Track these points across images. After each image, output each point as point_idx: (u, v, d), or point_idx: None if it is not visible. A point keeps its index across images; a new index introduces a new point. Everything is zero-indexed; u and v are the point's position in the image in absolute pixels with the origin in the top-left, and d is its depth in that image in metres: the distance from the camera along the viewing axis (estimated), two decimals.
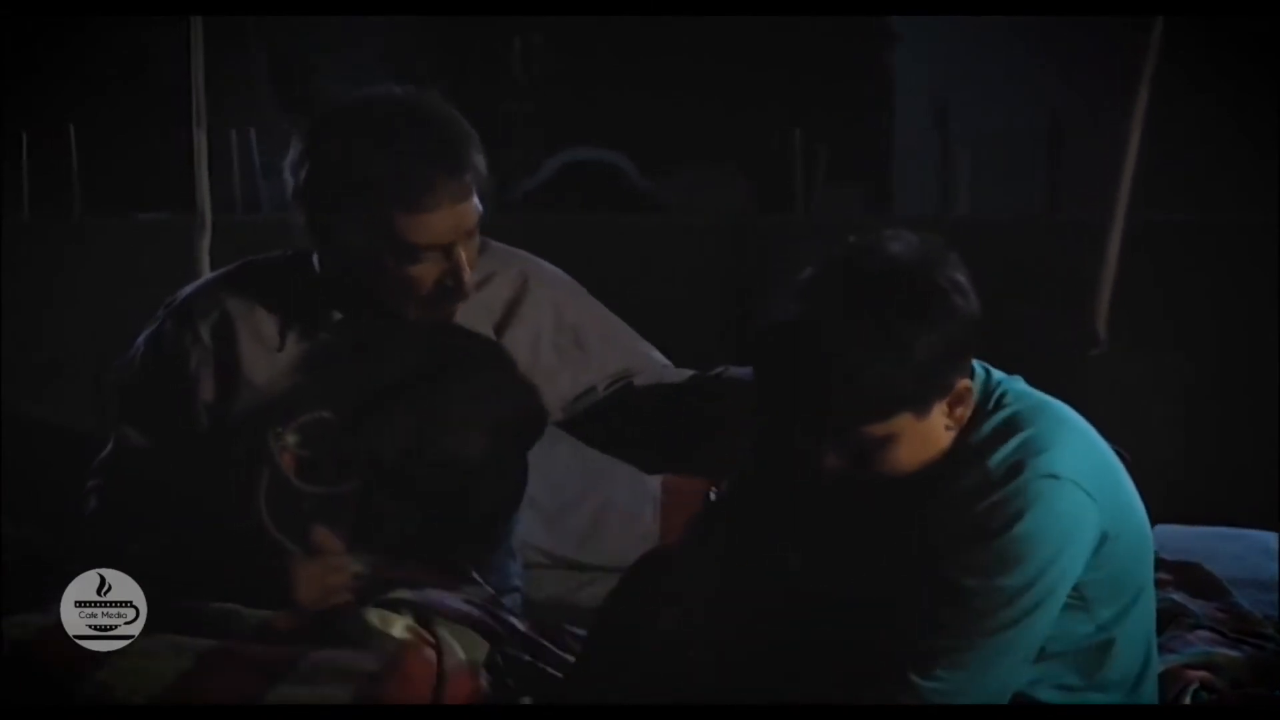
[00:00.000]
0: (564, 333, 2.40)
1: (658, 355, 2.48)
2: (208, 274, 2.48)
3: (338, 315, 2.30)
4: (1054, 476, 1.92)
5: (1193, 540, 2.79)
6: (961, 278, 1.97)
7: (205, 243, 5.67)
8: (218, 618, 2.15)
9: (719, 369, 2.40)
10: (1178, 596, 2.48)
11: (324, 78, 15.25)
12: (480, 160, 2.25)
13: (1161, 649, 2.23)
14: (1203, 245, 5.81)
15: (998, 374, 2.09)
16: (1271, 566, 2.62)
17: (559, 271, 2.48)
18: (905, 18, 11.11)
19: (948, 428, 1.99)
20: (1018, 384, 2.09)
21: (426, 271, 2.22)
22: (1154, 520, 2.77)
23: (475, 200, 2.23)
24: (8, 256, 6.76)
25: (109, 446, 2.40)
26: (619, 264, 2.50)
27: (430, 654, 2.07)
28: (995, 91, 9.72)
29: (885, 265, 1.93)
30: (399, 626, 2.09)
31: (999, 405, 2.03)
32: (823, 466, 1.96)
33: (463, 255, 2.24)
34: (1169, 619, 2.38)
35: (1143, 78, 4.89)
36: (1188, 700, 2.12)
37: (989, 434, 1.99)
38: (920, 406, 1.93)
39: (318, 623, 2.12)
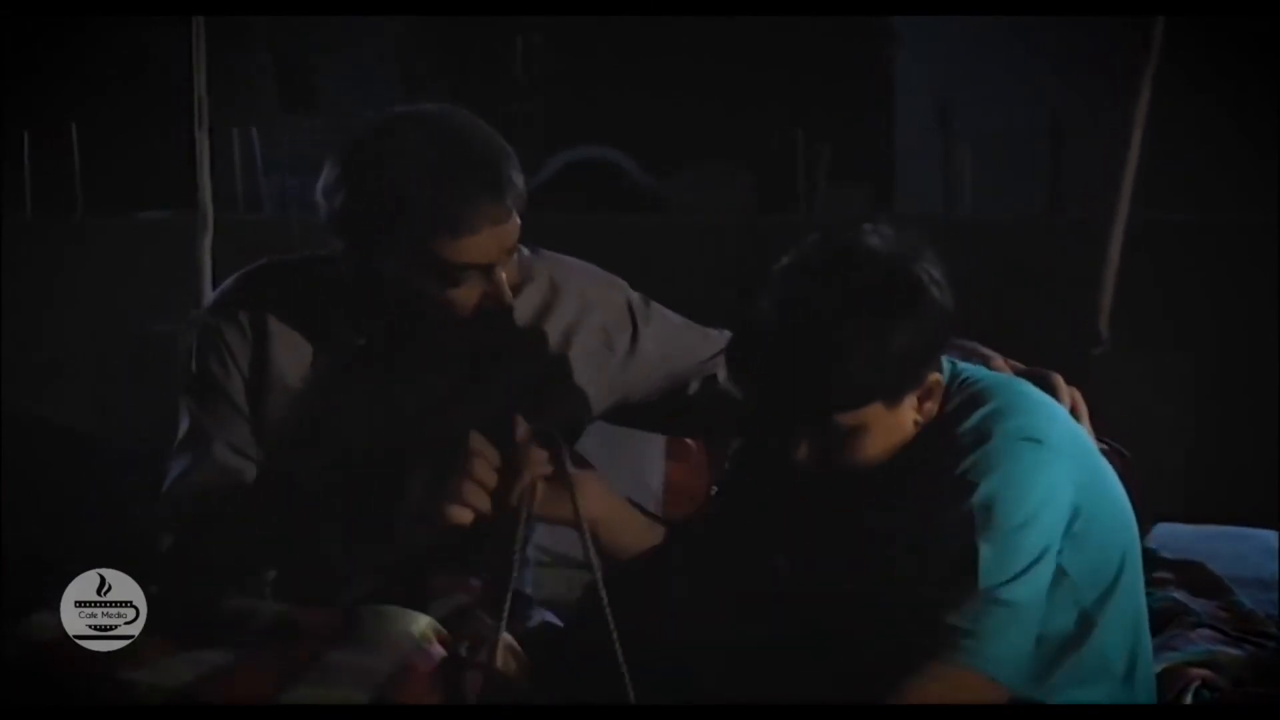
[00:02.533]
0: (594, 335, 2.39)
1: (700, 343, 2.45)
2: (235, 272, 2.43)
3: (368, 325, 2.29)
4: (1028, 439, 1.93)
5: (1194, 539, 2.77)
6: (938, 272, 1.98)
7: (207, 241, 5.67)
8: (236, 614, 2.13)
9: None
10: (1179, 595, 2.47)
11: (325, 77, 15.26)
12: (520, 179, 2.21)
13: (1163, 647, 2.22)
14: (1203, 245, 5.82)
15: (961, 363, 2.09)
16: (1273, 565, 2.61)
17: (592, 270, 2.46)
18: (906, 18, 11.14)
19: (916, 422, 1.99)
20: (979, 369, 2.09)
21: (468, 294, 2.21)
22: (1156, 519, 2.78)
23: (516, 220, 2.22)
24: (9, 256, 6.77)
25: (184, 426, 2.36)
26: (620, 264, 2.48)
27: (448, 654, 2.06)
28: (996, 92, 9.73)
29: (864, 257, 1.91)
30: (420, 625, 2.08)
31: (962, 385, 2.03)
32: (794, 457, 1.96)
33: (503, 276, 2.22)
34: (1170, 617, 2.38)
35: (1143, 78, 4.90)
36: (1189, 699, 2.11)
37: (954, 409, 1.98)
38: (892, 397, 1.93)
39: (337, 619, 2.11)
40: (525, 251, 2.32)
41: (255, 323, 2.28)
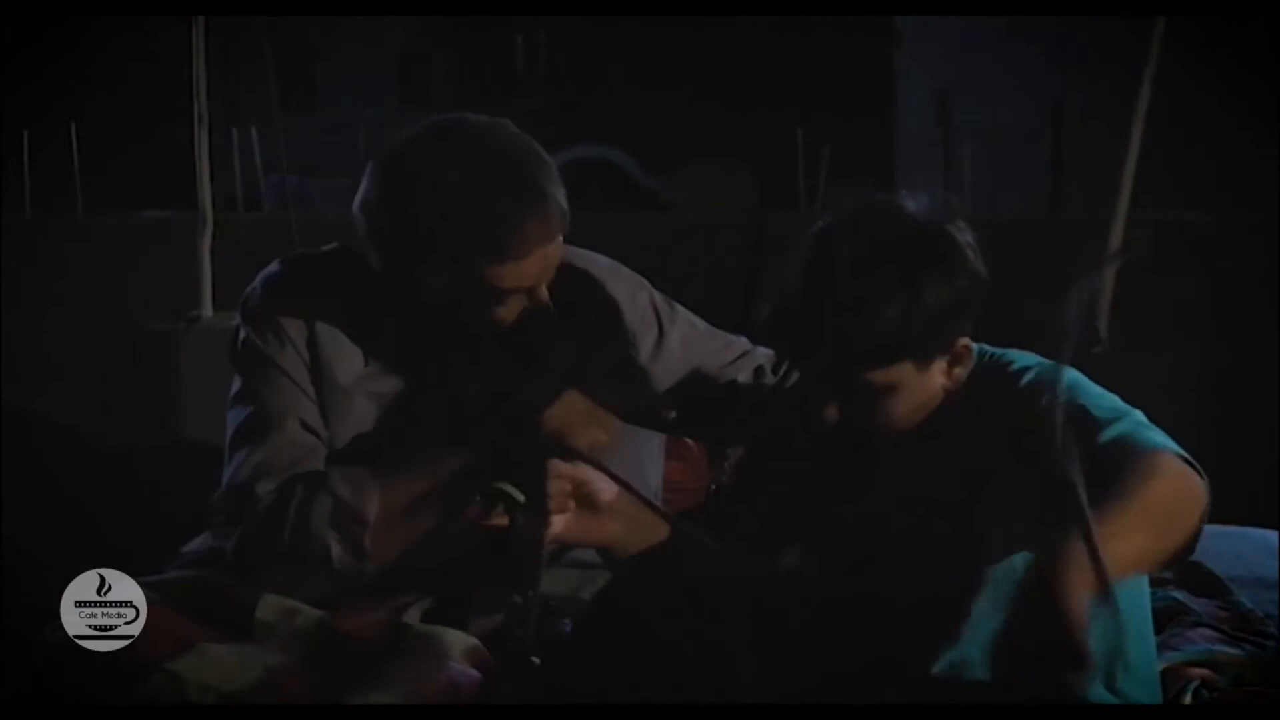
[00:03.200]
0: (621, 335, 2.38)
1: (722, 348, 2.44)
2: (272, 265, 2.37)
3: (410, 327, 2.27)
4: (1082, 380, 1.94)
5: None
6: (972, 237, 1.99)
7: (206, 241, 5.67)
8: (275, 612, 2.11)
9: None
10: (1179, 595, 2.47)
11: (325, 77, 15.26)
12: (562, 196, 2.18)
13: (1163, 647, 2.22)
14: (1204, 243, 5.82)
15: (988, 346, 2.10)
16: (1272, 564, 2.61)
17: (618, 268, 2.45)
18: (908, 17, 11.14)
19: (945, 387, 2.00)
20: (1007, 350, 2.09)
21: (510, 311, 2.20)
22: None
23: (560, 240, 2.21)
24: (9, 255, 6.76)
25: (243, 418, 2.30)
26: (621, 263, 2.48)
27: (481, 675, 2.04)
28: (997, 90, 9.73)
29: (899, 215, 1.94)
30: (459, 646, 2.06)
31: (993, 360, 2.03)
32: (823, 418, 1.95)
33: (545, 294, 2.22)
34: (1170, 617, 2.38)
35: (1145, 76, 4.90)
36: (1188, 698, 2.11)
37: (989, 379, 1.98)
38: (923, 357, 1.91)
39: (380, 631, 2.09)
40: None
41: (306, 307, 2.25)
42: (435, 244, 2.11)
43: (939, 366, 1.97)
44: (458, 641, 2.04)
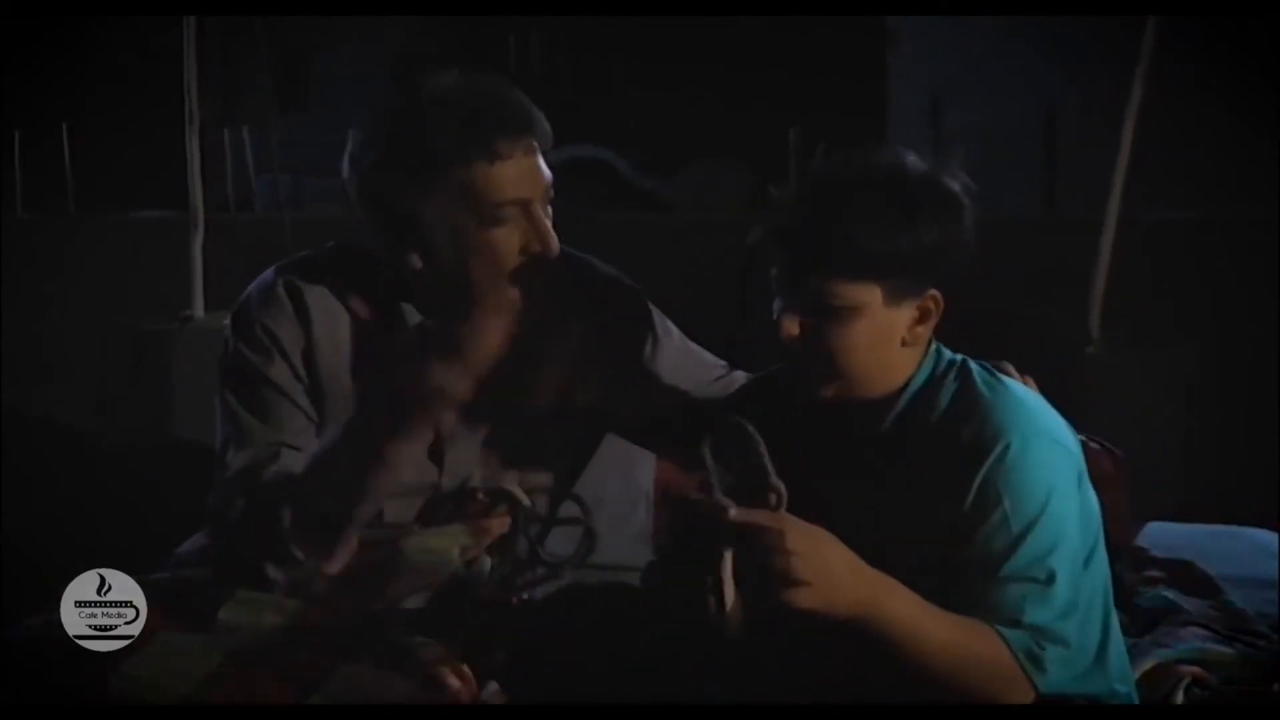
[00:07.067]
0: (617, 341, 2.39)
1: (708, 368, 2.45)
2: (266, 273, 2.35)
3: (415, 317, 2.26)
4: (1026, 438, 1.93)
5: (1186, 538, 2.78)
6: (969, 189, 2.00)
7: (198, 240, 5.67)
8: (249, 606, 2.10)
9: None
10: (1170, 594, 2.48)
11: (320, 77, 15.24)
12: (544, 121, 2.20)
13: (1154, 645, 2.23)
14: (1201, 241, 5.82)
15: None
16: (1265, 564, 2.62)
17: (614, 275, 2.45)
18: (901, 17, 11.14)
19: (905, 342, 1.96)
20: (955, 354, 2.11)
21: (509, 236, 2.18)
22: (1149, 518, 2.79)
23: (543, 161, 2.20)
24: (2, 254, 6.77)
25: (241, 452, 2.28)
26: (614, 262, 2.49)
27: (461, 683, 2.03)
28: (991, 88, 9.72)
29: (903, 159, 1.98)
30: (430, 649, 2.05)
31: (950, 367, 2.03)
32: (786, 330, 1.93)
33: (541, 215, 2.22)
34: (1161, 615, 2.39)
35: (1137, 73, 4.90)
36: (1180, 696, 2.12)
37: (948, 407, 1.99)
38: (892, 286, 1.93)
39: (348, 633, 2.08)
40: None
41: (303, 318, 2.25)
42: (426, 161, 2.12)
43: (905, 315, 1.95)
44: (425, 650, 2.03)
